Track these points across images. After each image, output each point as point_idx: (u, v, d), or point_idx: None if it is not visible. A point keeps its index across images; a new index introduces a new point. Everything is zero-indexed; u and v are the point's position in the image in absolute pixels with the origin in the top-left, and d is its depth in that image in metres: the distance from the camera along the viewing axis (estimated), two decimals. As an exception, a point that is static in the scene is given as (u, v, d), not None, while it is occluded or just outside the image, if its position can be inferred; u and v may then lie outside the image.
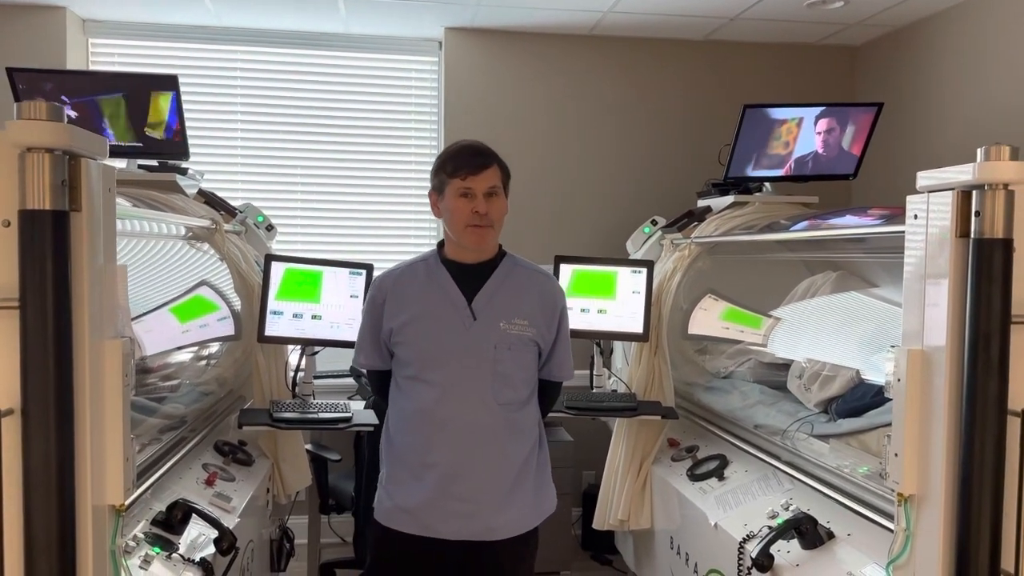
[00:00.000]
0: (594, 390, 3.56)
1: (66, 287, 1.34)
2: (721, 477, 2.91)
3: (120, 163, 3.23)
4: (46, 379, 1.33)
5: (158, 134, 3.15)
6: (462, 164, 2.19)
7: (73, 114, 3.05)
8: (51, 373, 1.33)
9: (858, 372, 2.44)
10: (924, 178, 1.68)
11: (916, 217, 1.70)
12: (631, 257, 3.86)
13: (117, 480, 1.47)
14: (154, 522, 2.18)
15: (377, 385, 2.41)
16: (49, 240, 1.32)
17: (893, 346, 1.73)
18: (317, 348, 3.31)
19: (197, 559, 2.15)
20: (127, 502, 1.53)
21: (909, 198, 1.73)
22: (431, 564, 2.24)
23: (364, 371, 2.54)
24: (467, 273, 2.25)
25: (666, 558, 3.14)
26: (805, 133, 3.51)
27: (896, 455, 1.70)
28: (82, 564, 1.40)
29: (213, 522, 2.27)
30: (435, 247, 2.34)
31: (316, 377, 3.37)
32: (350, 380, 4.10)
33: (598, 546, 4.17)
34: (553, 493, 2.37)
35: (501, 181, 2.23)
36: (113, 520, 1.50)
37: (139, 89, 3.07)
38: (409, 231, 4.60)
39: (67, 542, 1.36)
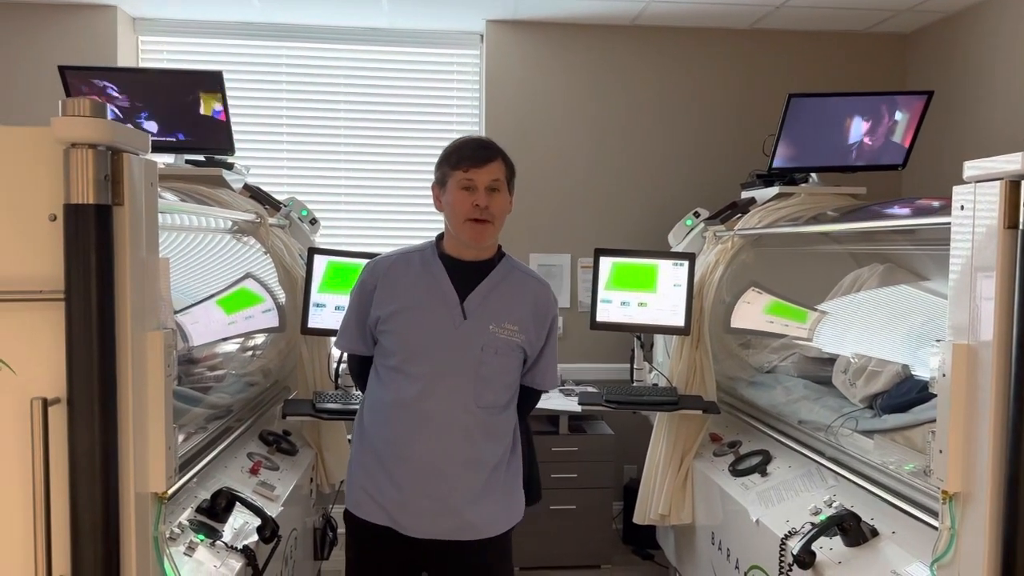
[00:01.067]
0: (634, 383, 3.54)
1: (110, 279, 1.38)
2: (764, 473, 2.88)
3: (168, 158, 3.30)
4: (90, 369, 1.37)
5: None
6: (465, 156, 2.15)
7: (123, 102, 3.12)
8: (95, 363, 1.37)
9: (904, 367, 2.38)
10: (971, 168, 1.63)
11: (963, 208, 1.66)
12: (673, 250, 3.83)
13: (159, 468, 1.51)
14: (199, 510, 2.22)
15: (356, 370, 2.36)
16: (93, 234, 1.36)
17: (938, 340, 1.69)
18: (359, 340, 3.34)
19: (240, 547, 2.20)
20: (169, 490, 1.56)
21: (956, 188, 1.68)
22: (403, 559, 2.20)
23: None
24: (463, 270, 2.20)
25: (707, 553, 3.12)
26: (855, 123, 3.43)
27: (941, 452, 1.66)
28: (125, 550, 1.43)
29: (256, 510, 2.31)
30: (433, 239, 2.29)
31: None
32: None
33: (640, 540, 4.16)
34: (522, 500, 2.30)
35: (505, 177, 2.17)
36: (155, 507, 1.53)
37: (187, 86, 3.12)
38: (451, 224, 4.61)
39: (111, 528, 1.40)
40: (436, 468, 2.13)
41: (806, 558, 2.22)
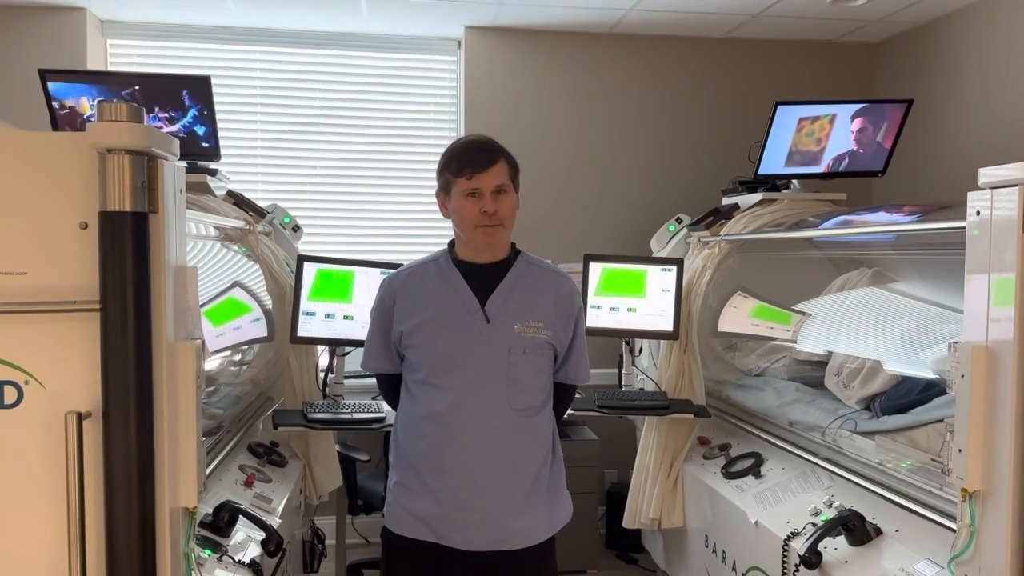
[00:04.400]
0: (623, 388, 3.56)
1: (146, 289, 1.34)
2: (758, 475, 2.91)
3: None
4: (127, 382, 1.33)
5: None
6: (467, 162, 2.08)
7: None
8: (132, 376, 1.34)
9: (902, 369, 2.44)
10: (987, 174, 1.68)
11: (979, 213, 1.70)
12: (655, 255, 3.86)
13: (190, 483, 1.47)
14: (201, 524, 2.16)
15: (387, 389, 2.34)
16: (130, 242, 1.32)
17: (955, 342, 1.73)
18: (348, 349, 3.30)
19: (247, 561, 2.15)
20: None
21: (971, 194, 1.73)
22: (446, 573, 2.16)
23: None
24: (480, 274, 2.17)
25: (700, 556, 3.14)
26: (839, 130, 3.50)
27: (960, 451, 1.70)
28: (161, 566, 1.39)
29: (260, 523, 2.26)
30: (446, 247, 2.26)
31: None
32: (374, 380, 4.10)
33: (623, 545, 4.17)
34: (569, 502, 2.29)
35: (509, 176, 2.12)
36: (187, 523, 1.49)
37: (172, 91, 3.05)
38: (429, 230, 4.59)
39: (148, 545, 1.36)
40: (477, 478, 2.11)
41: (813, 558, 2.25)
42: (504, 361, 2.13)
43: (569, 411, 3.41)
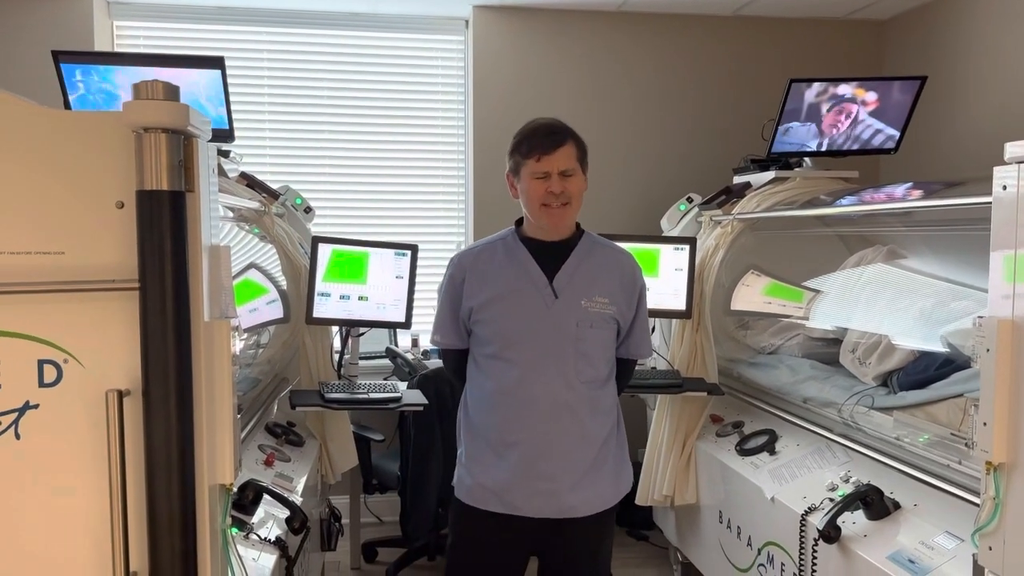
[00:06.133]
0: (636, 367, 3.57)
1: (184, 268, 1.35)
2: (772, 451, 2.93)
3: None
4: (166, 360, 1.34)
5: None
6: (535, 145, 2.16)
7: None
8: (171, 354, 1.34)
9: (919, 345, 2.46)
10: (1013, 149, 1.68)
11: (1005, 188, 1.71)
12: (666, 234, 3.86)
13: (228, 459, 1.48)
14: (226, 503, 2.18)
15: (454, 365, 2.39)
16: (168, 221, 1.32)
17: (980, 316, 1.74)
18: (363, 329, 3.32)
19: (273, 538, 2.17)
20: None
21: (996, 169, 1.73)
22: (513, 540, 2.25)
23: (439, 350, 2.48)
24: (547, 251, 2.23)
25: (714, 532, 3.17)
26: (850, 107, 3.49)
27: (985, 424, 1.72)
28: (201, 544, 1.41)
29: (284, 502, 2.29)
30: (513, 226, 2.32)
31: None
32: (386, 361, 4.12)
33: (633, 522, 4.20)
34: (631, 471, 2.37)
35: (577, 158, 2.19)
36: (224, 499, 1.51)
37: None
38: (437, 210, 4.60)
39: (189, 521, 1.37)
40: (547, 449, 2.18)
41: (832, 532, 2.27)
42: (572, 335, 2.20)
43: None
